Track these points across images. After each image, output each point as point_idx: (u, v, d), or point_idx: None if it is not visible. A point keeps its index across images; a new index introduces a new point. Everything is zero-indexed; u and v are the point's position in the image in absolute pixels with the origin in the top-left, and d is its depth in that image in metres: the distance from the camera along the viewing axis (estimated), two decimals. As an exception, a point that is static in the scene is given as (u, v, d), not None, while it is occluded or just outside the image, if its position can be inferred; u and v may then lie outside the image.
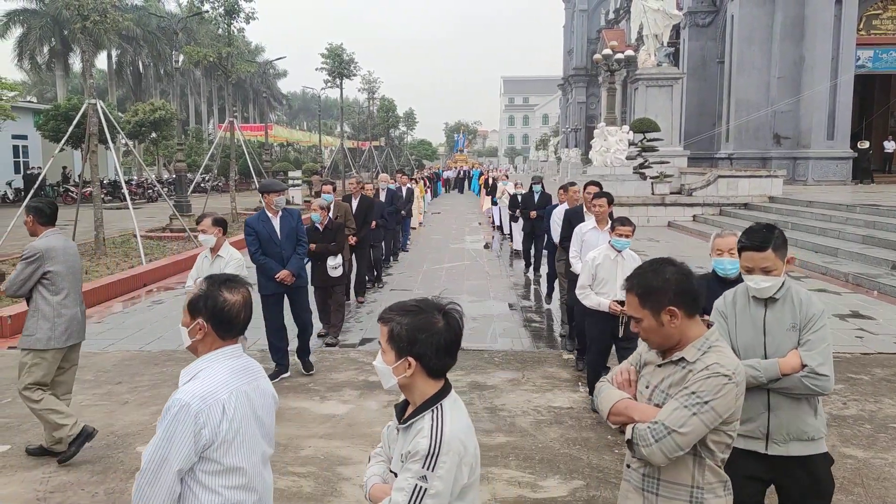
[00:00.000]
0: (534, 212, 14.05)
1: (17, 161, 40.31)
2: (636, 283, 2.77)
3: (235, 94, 61.22)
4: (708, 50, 38.57)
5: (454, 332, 2.48)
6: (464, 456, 2.36)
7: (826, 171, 31.61)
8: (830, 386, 3.36)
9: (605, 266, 6.66)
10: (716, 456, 2.68)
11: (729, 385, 2.59)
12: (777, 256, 3.40)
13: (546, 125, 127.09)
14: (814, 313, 3.40)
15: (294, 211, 8.27)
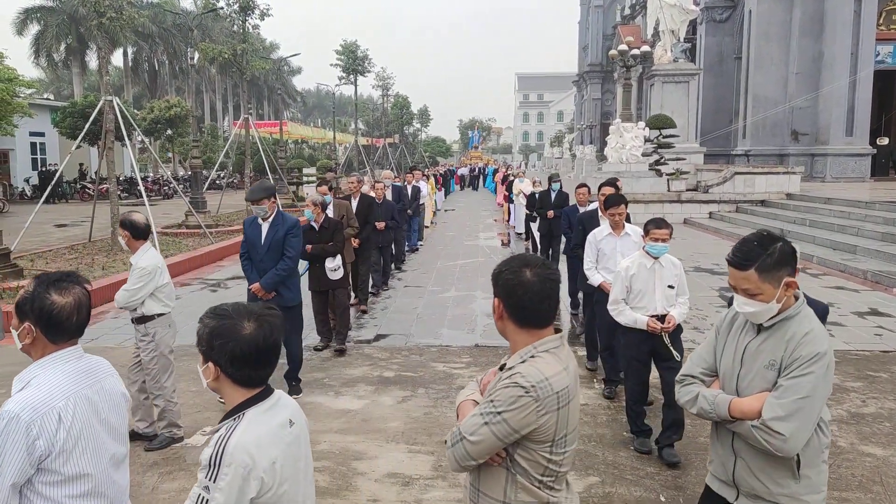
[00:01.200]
0: (551, 211, 13.45)
1: (34, 158, 40.65)
2: None
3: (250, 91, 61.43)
4: (725, 46, 38.31)
5: (259, 341, 2.29)
6: (252, 469, 2.20)
7: (844, 167, 31.37)
8: (789, 448, 2.71)
9: (640, 276, 5.79)
10: (530, 475, 2.46)
11: (525, 399, 2.36)
12: (762, 279, 2.80)
13: (561, 122, 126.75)
14: (802, 355, 2.75)
15: (290, 219, 7.33)
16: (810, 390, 2.69)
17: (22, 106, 30.24)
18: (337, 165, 48.84)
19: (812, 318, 2.87)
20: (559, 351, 2.54)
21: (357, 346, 9.24)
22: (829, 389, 2.78)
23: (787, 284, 2.80)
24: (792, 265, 2.83)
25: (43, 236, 19.49)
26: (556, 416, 2.41)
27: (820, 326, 2.84)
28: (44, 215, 20.86)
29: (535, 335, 2.53)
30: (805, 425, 2.71)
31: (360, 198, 11.27)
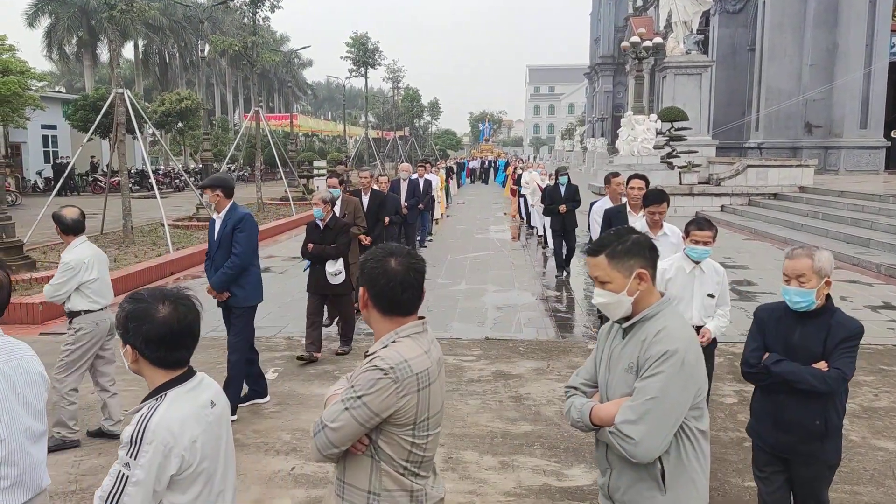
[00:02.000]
0: (563, 206, 12.97)
1: (46, 151, 40.85)
2: None
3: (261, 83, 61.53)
4: (738, 37, 38.06)
5: (173, 324, 2.37)
6: (173, 447, 2.27)
7: (859, 160, 31.15)
8: (640, 453, 2.52)
9: (677, 281, 5.23)
10: (395, 462, 2.46)
11: (385, 381, 2.37)
12: (611, 266, 2.68)
13: (572, 114, 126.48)
14: (652, 354, 2.56)
15: (238, 213, 6.61)
16: (659, 391, 2.50)
17: (34, 99, 30.41)
18: (347, 158, 48.87)
19: (672, 317, 2.69)
20: (420, 336, 2.58)
21: (367, 337, 9.24)
22: (689, 391, 2.54)
23: (640, 276, 2.66)
24: (645, 257, 2.69)
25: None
26: (416, 397, 2.43)
27: (678, 325, 2.65)
28: (56, 208, 20.92)
29: (398, 323, 2.55)
30: (657, 429, 2.51)
31: (371, 193, 10.79)
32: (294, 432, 6.07)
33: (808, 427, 3.64)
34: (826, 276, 3.62)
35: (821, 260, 3.64)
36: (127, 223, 15.99)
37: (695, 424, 2.62)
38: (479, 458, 5.58)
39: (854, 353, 3.60)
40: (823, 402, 3.62)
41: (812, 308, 3.64)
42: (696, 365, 2.58)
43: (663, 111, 29.49)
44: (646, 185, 7.04)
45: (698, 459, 2.65)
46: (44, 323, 9.88)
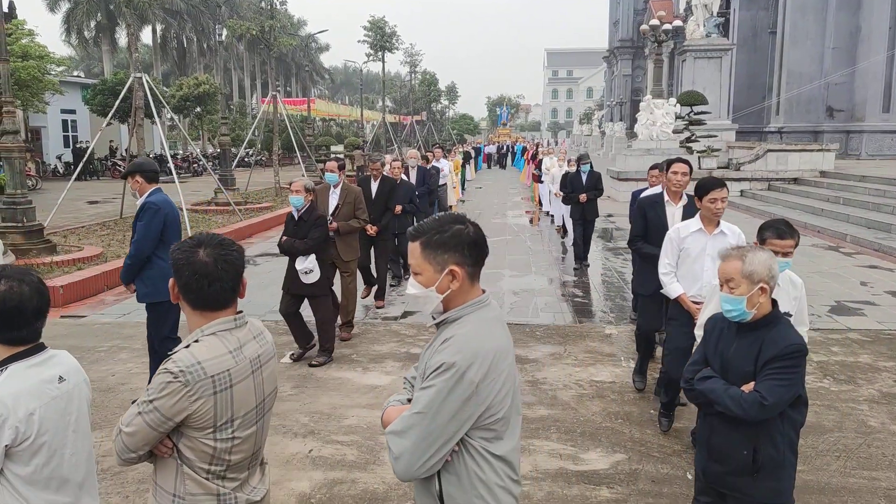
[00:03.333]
0: (583, 195, 12.36)
1: (66, 135, 41.11)
2: None
3: (278, 68, 61.57)
4: (759, 20, 37.62)
5: (5, 302, 2.38)
6: (6, 419, 2.28)
7: (881, 144, 30.82)
8: (399, 469, 2.27)
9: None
10: (197, 466, 2.36)
11: (174, 385, 2.26)
12: (424, 257, 2.38)
13: (590, 99, 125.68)
14: (430, 364, 2.31)
15: (144, 201, 6.15)
16: (426, 405, 2.21)
17: (53, 83, 30.57)
18: (364, 143, 48.86)
19: (472, 324, 2.36)
20: (229, 334, 2.44)
21: (384, 322, 9.27)
22: (467, 411, 2.23)
23: (452, 273, 2.36)
24: (463, 254, 2.37)
25: (75, 213, 19.74)
26: (212, 400, 2.32)
27: (471, 334, 2.31)
28: (76, 192, 21.11)
29: (208, 318, 2.43)
30: (420, 447, 2.22)
31: (381, 181, 10.05)
32: (312, 415, 6.11)
33: (735, 457, 3.22)
34: (760, 281, 3.15)
35: (753, 262, 3.18)
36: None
37: (485, 446, 2.31)
38: (496, 441, 5.59)
39: (785, 376, 3.07)
40: (754, 429, 3.16)
41: (747, 319, 3.20)
42: (484, 382, 2.24)
43: (682, 95, 29.28)
44: (689, 171, 6.18)
45: (488, 487, 2.32)
46: (64, 306, 9.97)
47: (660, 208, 6.28)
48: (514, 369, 2.44)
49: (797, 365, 3.11)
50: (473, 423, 2.27)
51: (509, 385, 2.36)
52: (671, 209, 6.22)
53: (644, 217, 6.38)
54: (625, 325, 9.03)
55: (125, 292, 10.98)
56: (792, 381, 3.08)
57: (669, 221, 6.07)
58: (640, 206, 6.52)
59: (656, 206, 6.32)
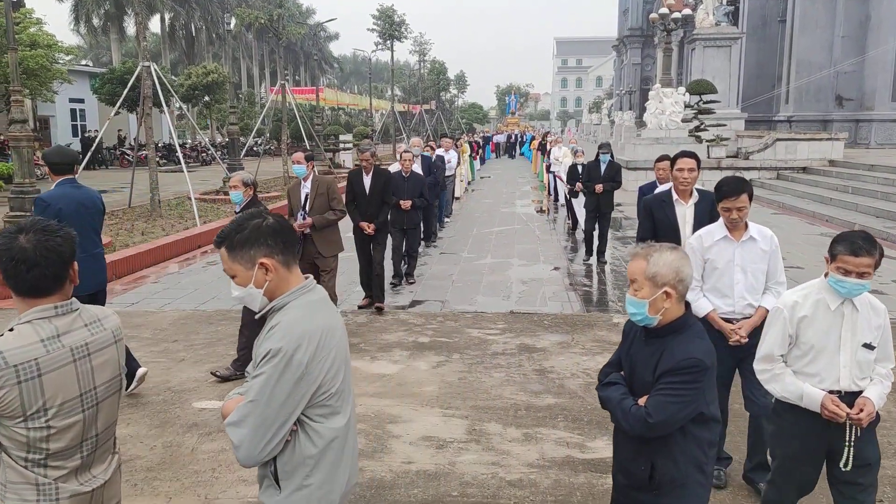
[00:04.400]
0: (599, 185, 11.91)
1: (74, 124, 41.22)
2: None
3: (287, 57, 61.50)
4: (769, 8, 37.37)
5: None
6: None
7: (890, 133, 30.69)
8: (241, 457, 2.36)
9: (818, 323, 3.53)
10: (15, 454, 2.33)
11: None
12: (232, 260, 2.46)
13: (600, 87, 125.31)
14: (259, 352, 2.41)
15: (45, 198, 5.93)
16: (258, 392, 2.30)
17: (61, 72, 30.59)
18: (374, 132, 48.83)
19: (294, 310, 2.43)
20: (46, 321, 2.38)
21: (393, 311, 9.29)
22: (299, 393, 2.33)
23: (263, 266, 2.42)
24: (268, 245, 2.43)
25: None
26: (17, 390, 2.26)
27: (295, 319, 2.39)
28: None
29: (31, 304, 2.39)
30: (258, 434, 2.31)
31: (373, 173, 9.13)
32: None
33: (633, 472, 2.99)
34: (665, 284, 2.83)
35: (657, 264, 2.85)
36: (154, 197, 16.13)
37: (320, 424, 2.43)
38: (503, 430, 5.62)
39: (678, 392, 2.76)
40: (652, 445, 2.88)
41: (652, 324, 2.91)
42: (313, 362, 2.35)
43: (692, 84, 29.15)
44: (697, 166, 5.62)
45: (322, 455, 2.45)
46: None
47: (668, 208, 5.69)
48: (344, 345, 2.55)
49: (693, 381, 2.76)
50: (308, 402, 2.39)
51: (339, 361, 2.48)
52: (681, 209, 5.63)
53: (651, 218, 5.80)
54: (632, 315, 9.02)
55: (134, 281, 11.06)
56: (685, 398, 2.75)
57: (680, 222, 5.60)
58: (647, 205, 5.91)
59: (664, 205, 5.72)
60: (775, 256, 4.60)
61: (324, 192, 7.92)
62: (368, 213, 9.03)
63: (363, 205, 9.05)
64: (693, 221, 5.50)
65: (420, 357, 7.39)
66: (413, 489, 4.71)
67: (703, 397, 2.80)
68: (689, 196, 5.62)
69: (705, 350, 2.84)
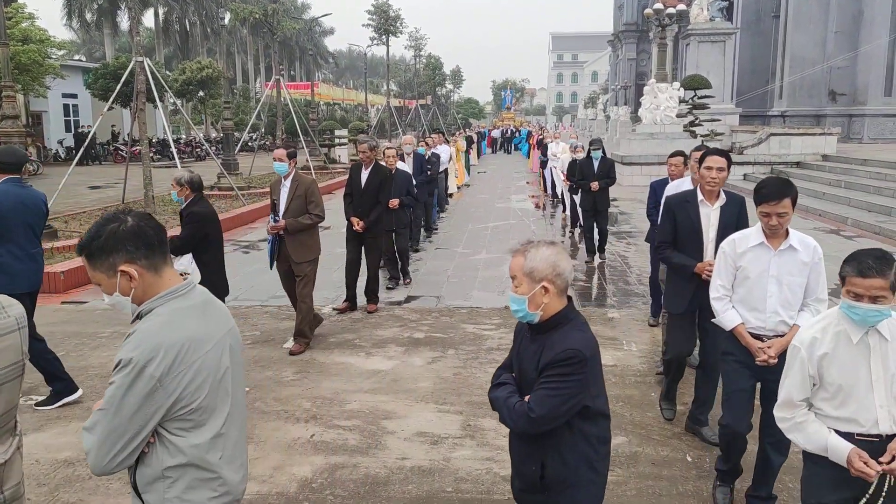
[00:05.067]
0: (595, 183, 11.62)
1: (67, 120, 41.04)
2: None
3: (281, 52, 61.32)
4: (763, 4, 37.43)
5: None
6: None
7: (883, 128, 30.81)
8: (91, 464, 2.29)
9: (840, 359, 3.04)
10: None
11: None
12: (95, 269, 2.38)
13: (595, 83, 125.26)
14: (115, 361, 2.32)
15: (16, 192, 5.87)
16: (108, 402, 2.21)
17: (54, 67, 30.49)
18: (369, 127, 48.76)
19: (164, 314, 2.32)
20: None
21: (388, 307, 9.28)
22: (153, 405, 2.22)
23: (125, 274, 2.32)
24: (128, 250, 2.32)
25: (77, 198, 19.75)
26: None
27: (153, 327, 2.29)
28: (77, 177, 21.11)
29: None
30: (106, 443, 2.21)
31: (373, 169, 8.80)
32: (314, 400, 6.13)
33: (525, 473, 2.92)
34: (542, 279, 2.78)
35: (534, 259, 2.81)
36: (148, 192, 16.06)
37: (182, 436, 2.32)
38: (498, 425, 5.60)
39: (557, 385, 2.68)
40: (541, 444, 2.81)
41: (534, 320, 2.85)
42: (169, 376, 2.23)
43: (686, 79, 29.17)
44: (727, 166, 5.12)
45: (183, 469, 2.34)
46: (66, 292, 10.00)
47: (692, 209, 5.25)
48: (215, 357, 2.40)
49: (572, 373, 2.67)
50: (165, 416, 2.27)
51: (206, 374, 2.34)
52: (706, 210, 5.21)
53: (672, 219, 5.36)
54: (627, 309, 9.04)
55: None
56: (564, 391, 2.67)
57: (704, 225, 5.21)
58: (669, 205, 5.46)
59: (687, 206, 5.28)
60: (817, 269, 4.15)
61: (301, 194, 7.44)
62: (360, 210, 8.68)
63: (357, 200, 8.75)
64: (718, 225, 5.14)
65: (415, 353, 7.39)
66: (408, 485, 4.72)
67: (587, 390, 2.73)
68: (715, 197, 5.20)
69: (584, 341, 2.76)
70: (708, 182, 5.13)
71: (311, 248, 7.58)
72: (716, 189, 5.16)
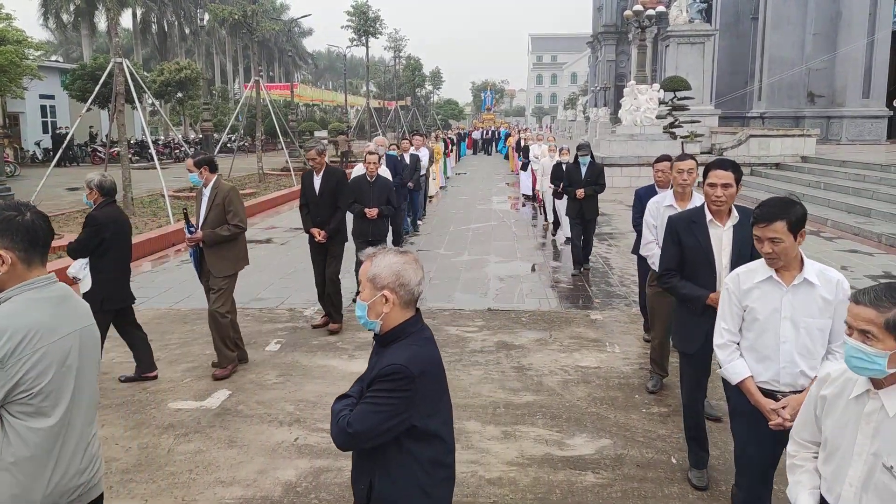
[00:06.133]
0: (581, 190, 10.90)
1: (45, 121, 40.60)
2: None
3: (261, 53, 61.05)
4: (741, 5, 37.68)
5: None
6: None
7: (861, 130, 31.12)
8: None
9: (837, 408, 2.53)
10: None
11: None
12: None
13: (574, 84, 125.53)
14: None
15: None
16: None
17: (31, 68, 30.15)
18: (349, 128, 48.63)
19: (18, 301, 2.45)
20: None
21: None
22: None
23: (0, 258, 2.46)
24: (14, 239, 2.47)
25: (55, 200, 19.54)
26: None
27: (2, 313, 2.40)
28: (55, 179, 20.87)
29: None
30: None
31: (324, 174, 8.23)
32: (297, 403, 6.09)
33: (356, 490, 2.81)
34: (384, 287, 2.65)
35: (378, 265, 2.69)
36: (127, 194, 15.93)
37: (20, 422, 2.42)
38: (482, 428, 5.61)
39: (378, 401, 2.56)
40: (371, 460, 2.69)
41: (375, 329, 2.71)
42: (11, 358, 2.34)
43: (666, 81, 29.34)
44: (735, 180, 4.41)
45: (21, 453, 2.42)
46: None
47: (700, 230, 4.58)
48: (66, 348, 2.53)
49: (395, 389, 2.53)
50: (7, 398, 2.37)
51: (50, 361, 2.45)
52: (717, 231, 4.58)
53: (678, 243, 4.63)
54: (609, 311, 9.06)
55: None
56: (387, 408, 2.54)
57: (716, 248, 4.54)
58: (673, 227, 4.71)
59: (695, 227, 4.60)
60: (843, 309, 2.96)
61: (220, 203, 6.84)
62: (319, 219, 8.18)
63: (313, 209, 8.23)
64: (732, 248, 4.51)
65: (398, 355, 7.35)
66: (392, 488, 4.69)
67: (415, 409, 2.57)
68: (726, 216, 4.56)
69: (413, 357, 2.59)
70: (713, 201, 4.50)
71: (230, 262, 6.98)
72: (724, 208, 4.52)
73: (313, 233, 8.17)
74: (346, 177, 8.66)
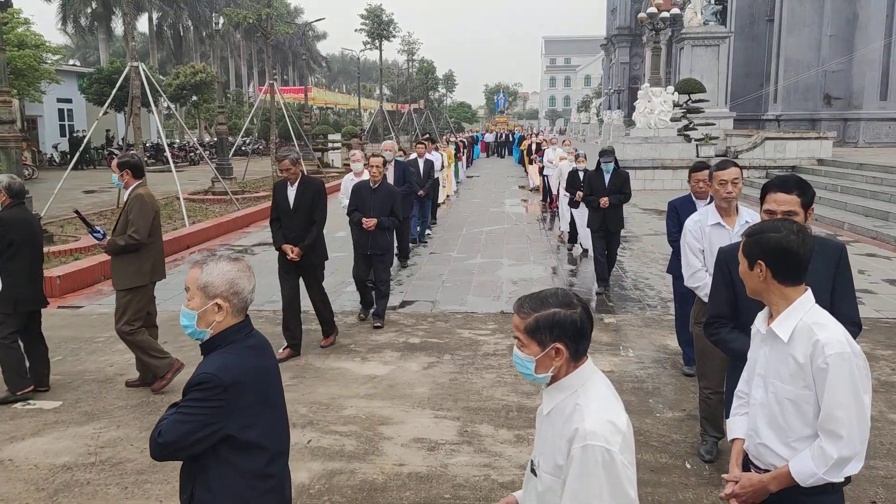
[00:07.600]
0: (605, 199, 9.73)
1: (62, 124, 40.94)
2: None
3: (275, 56, 61.29)
4: (757, 7, 37.53)
5: None
6: None
7: (878, 132, 30.90)
8: None
9: None
10: None
11: None
12: None
13: (588, 86, 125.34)
14: None
15: None
16: None
17: (49, 72, 30.44)
18: (362, 132, 48.73)
19: None
20: None
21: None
22: None
23: None
24: None
25: (72, 202, 19.68)
26: None
27: None
28: (72, 181, 21.03)
29: None
30: None
31: (300, 184, 7.39)
32: (310, 405, 6.11)
33: (182, 500, 2.70)
34: (217, 295, 2.57)
35: (211, 273, 2.60)
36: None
37: None
38: (495, 431, 5.60)
39: (187, 411, 2.50)
40: (190, 471, 2.61)
41: (204, 338, 2.66)
42: None
43: (680, 83, 29.25)
44: (803, 205, 3.33)
45: None
46: (62, 296, 9.95)
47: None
48: None
49: (205, 399, 2.45)
50: None
51: None
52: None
53: (731, 284, 3.60)
54: (623, 315, 9.03)
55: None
56: (196, 418, 2.45)
57: None
58: (724, 262, 3.70)
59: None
60: (825, 378, 2.49)
61: (127, 211, 6.40)
62: (293, 235, 7.37)
63: (286, 223, 7.43)
64: None
65: (411, 358, 7.37)
66: (405, 491, 4.70)
67: (230, 419, 2.49)
68: None
69: (226, 366, 2.51)
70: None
71: (129, 276, 6.42)
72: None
73: (285, 249, 7.35)
74: (325, 188, 7.77)
